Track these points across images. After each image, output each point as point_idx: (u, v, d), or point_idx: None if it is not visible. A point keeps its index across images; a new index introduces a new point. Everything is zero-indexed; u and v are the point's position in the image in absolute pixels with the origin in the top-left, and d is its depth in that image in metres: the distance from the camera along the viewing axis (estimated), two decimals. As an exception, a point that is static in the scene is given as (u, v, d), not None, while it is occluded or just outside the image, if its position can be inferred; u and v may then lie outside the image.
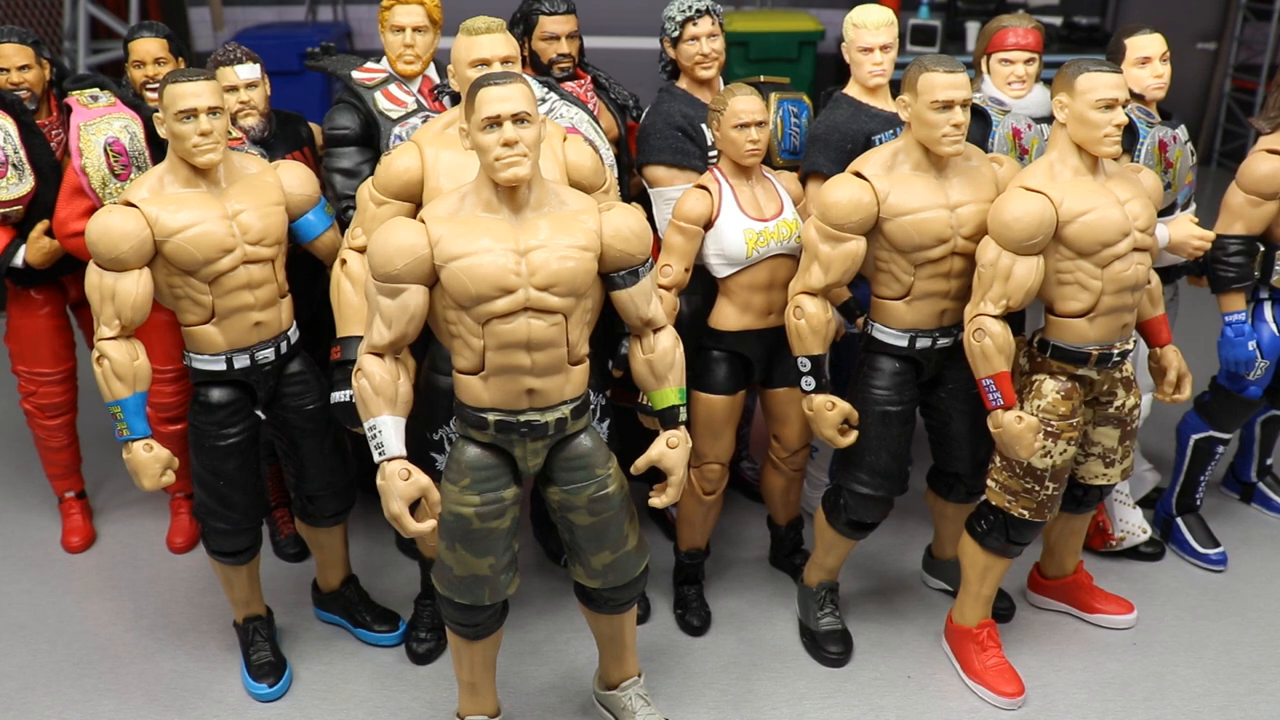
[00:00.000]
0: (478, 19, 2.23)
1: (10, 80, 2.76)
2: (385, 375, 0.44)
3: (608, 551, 0.43)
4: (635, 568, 0.42)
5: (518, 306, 0.44)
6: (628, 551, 0.43)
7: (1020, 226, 2.17)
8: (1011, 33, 2.78)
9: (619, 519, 0.43)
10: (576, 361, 0.42)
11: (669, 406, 0.48)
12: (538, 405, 0.42)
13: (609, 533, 0.43)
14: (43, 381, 3.07)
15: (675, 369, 0.47)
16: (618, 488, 0.44)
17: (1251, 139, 3.65)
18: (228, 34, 6.49)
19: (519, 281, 0.49)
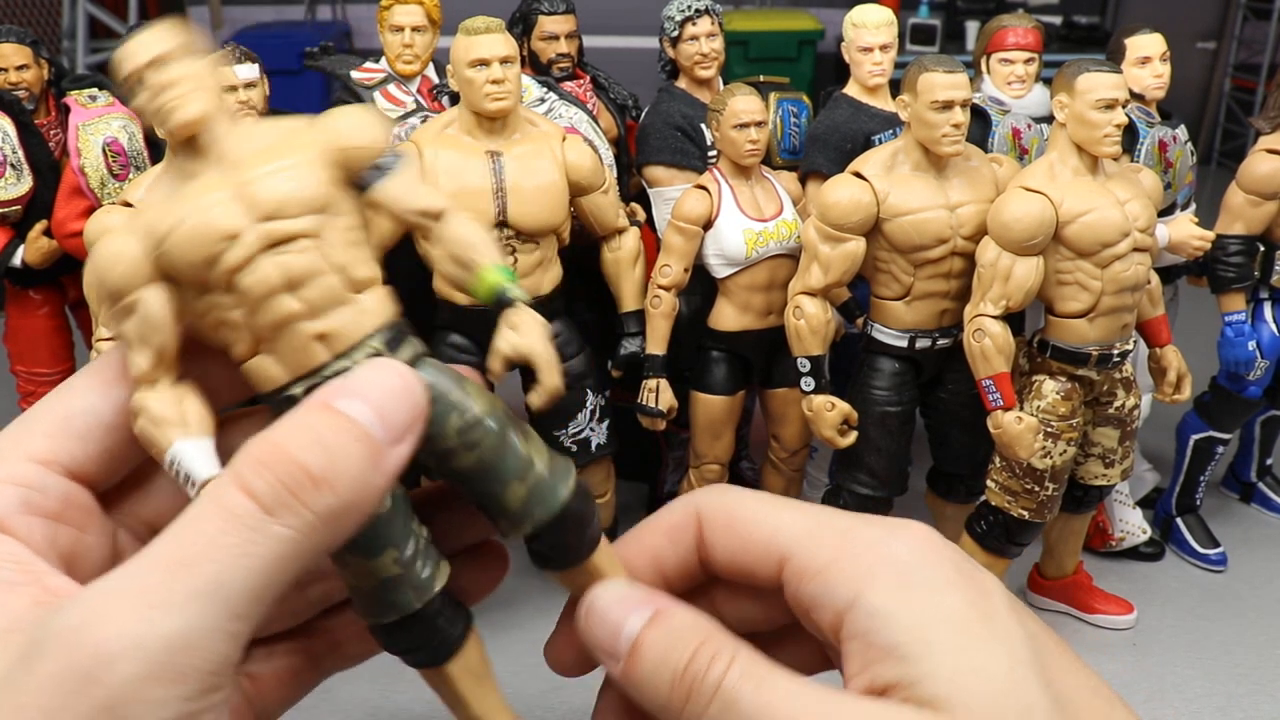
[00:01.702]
0: (476, 19, 2.23)
1: (8, 80, 2.76)
2: (162, 404, 0.36)
3: (515, 482, 0.37)
4: (559, 490, 0.36)
5: (252, 251, 0.36)
6: (539, 475, 0.37)
7: (1020, 227, 2.17)
8: (1011, 32, 2.78)
9: (507, 443, 0.37)
10: (359, 288, 0.35)
11: (491, 292, 0.40)
12: (339, 350, 0.35)
13: (504, 462, 0.37)
14: (42, 381, 3.07)
15: (480, 248, 0.40)
16: (487, 407, 0.38)
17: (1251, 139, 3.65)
18: (227, 33, 6.49)
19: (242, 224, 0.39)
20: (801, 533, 0.43)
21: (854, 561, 0.41)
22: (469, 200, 2.24)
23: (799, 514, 0.45)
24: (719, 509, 0.46)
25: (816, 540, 0.43)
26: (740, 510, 0.46)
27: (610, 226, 2.53)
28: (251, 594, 0.35)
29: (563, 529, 0.48)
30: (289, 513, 0.36)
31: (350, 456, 0.37)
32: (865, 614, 0.40)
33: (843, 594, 0.41)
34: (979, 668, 0.38)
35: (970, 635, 0.39)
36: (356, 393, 0.40)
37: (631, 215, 2.64)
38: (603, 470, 2.66)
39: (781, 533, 0.44)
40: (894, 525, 0.43)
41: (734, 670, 0.40)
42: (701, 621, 0.42)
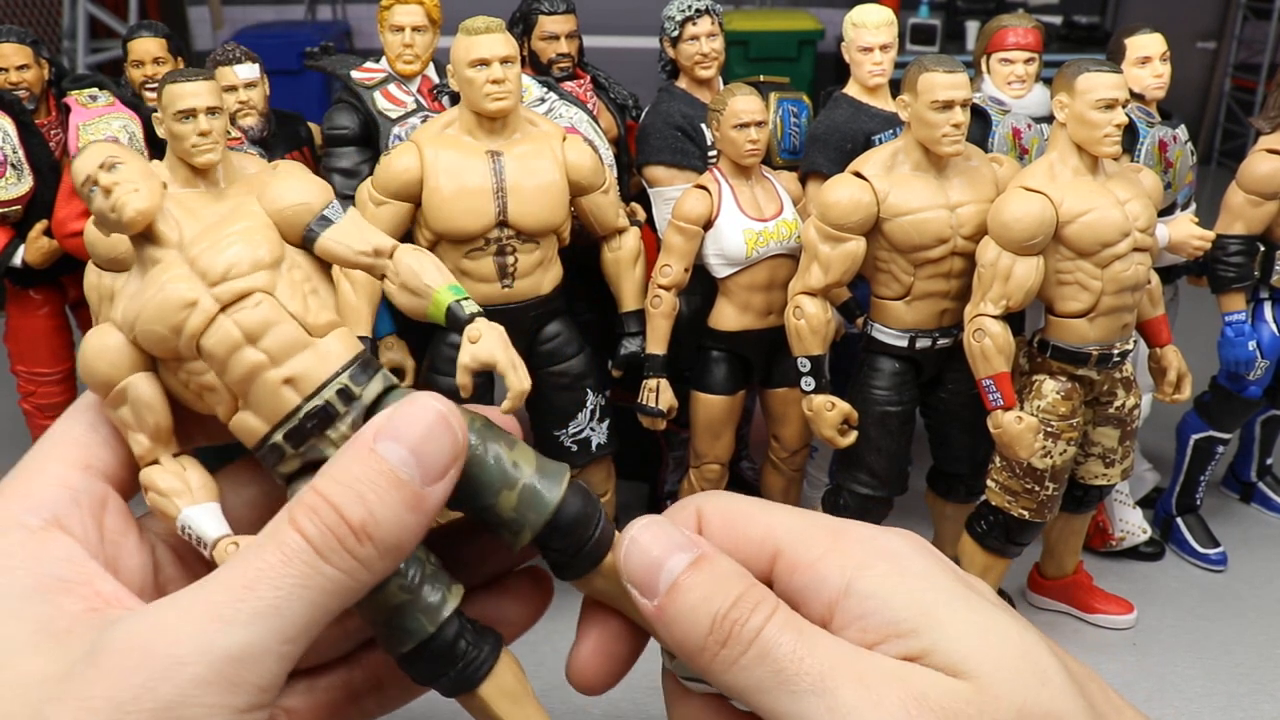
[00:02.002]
0: (477, 19, 2.23)
1: (9, 80, 2.76)
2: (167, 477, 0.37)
3: (505, 491, 0.37)
4: (551, 493, 0.36)
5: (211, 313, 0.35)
6: (529, 481, 0.37)
7: (1020, 227, 2.17)
8: (1011, 32, 2.77)
9: (489, 454, 0.37)
10: (320, 332, 0.36)
11: (448, 309, 0.41)
12: (307, 392, 0.35)
13: (488, 474, 0.37)
14: (42, 381, 3.07)
15: (431, 272, 0.41)
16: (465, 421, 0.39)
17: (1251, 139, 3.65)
18: (227, 33, 6.49)
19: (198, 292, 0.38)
20: (794, 529, 0.44)
21: (845, 553, 0.42)
22: (469, 200, 2.24)
23: (792, 514, 0.46)
24: (717, 509, 0.48)
25: (809, 536, 0.44)
26: (736, 510, 0.47)
27: (610, 226, 2.53)
28: (304, 621, 0.39)
29: (567, 531, 0.48)
30: (337, 557, 0.39)
31: (388, 505, 0.40)
32: (860, 597, 0.40)
33: (835, 582, 0.41)
34: (989, 634, 0.38)
35: (972, 607, 0.39)
36: (396, 434, 0.42)
37: (632, 215, 2.64)
38: (603, 470, 2.66)
39: (775, 529, 0.45)
40: (883, 528, 0.44)
41: (775, 621, 0.40)
42: (743, 571, 0.43)
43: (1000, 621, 0.39)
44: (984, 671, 0.37)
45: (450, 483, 0.43)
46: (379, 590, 0.45)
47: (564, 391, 2.51)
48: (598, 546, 0.48)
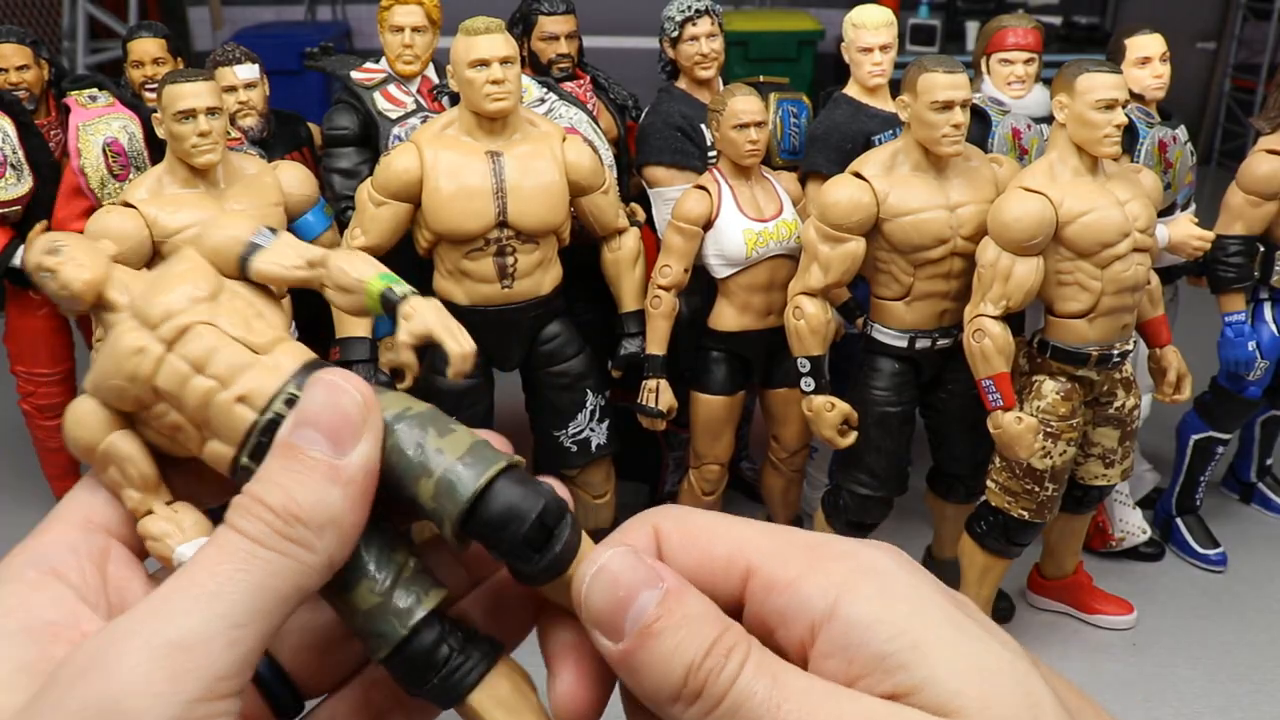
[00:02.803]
0: (476, 19, 2.23)
1: (9, 80, 2.76)
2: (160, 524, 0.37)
3: (423, 478, 0.34)
4: (468, 481, 0.33)
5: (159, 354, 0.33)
6: (447, 465, 0.34)
7: (1020, 227, 2.17)
8: (1011, 33, 2.77)
9: (412, 440, 0.34)
10: (265, 350, 0.35)
11: (381, 296, 0.40)
12: (260, 406, 0.35)
13: (405, 459, 0.35)
14: (41, 382, 3.07)
15: (359, 266, 0.41)
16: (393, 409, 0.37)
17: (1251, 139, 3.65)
18: (227, 34, 6.49)
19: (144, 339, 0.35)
20: (768, 546, 0.41)
21: (827, 572, 0.39)
22: (469, 201, 2.24)
23: (761, 529, 0.43)
24: (677, 526, 0.44)
25: (784, 553, 0.41)
26: (698, 526, 0.44)
27: (610, 227, 2.53)
28: (248, 605, 0.38)
29: (495, 526, 0.44)
30: (271, 540, 0.40)
31: (305, 485, 0.41)
32: (845, 624, 0.37)
33: (818, 604, 0.38)
34: (981, 667, 0.36)
35: (964, 634, 0.37)
36: (300, 418, 0.43)
37: (631, 215, 2.64)
38: (603, 470, 2.66)
39: (746, 546, 0.42)
40: (863, 541, 0.41)
41: (749, 667, 0.38)
42: (714, 610, 0.40)
43: (991, 651, 0.37)
44: (974, 710, 0.36)
45: (369, 446, 0.43)
46: (350, 591, 0.45)
47: (564, 392, 2.51)
48: (557, 551, 0.44)
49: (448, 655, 0.46)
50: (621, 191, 2.75)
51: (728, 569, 0.41)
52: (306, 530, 0.40)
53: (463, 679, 0.46)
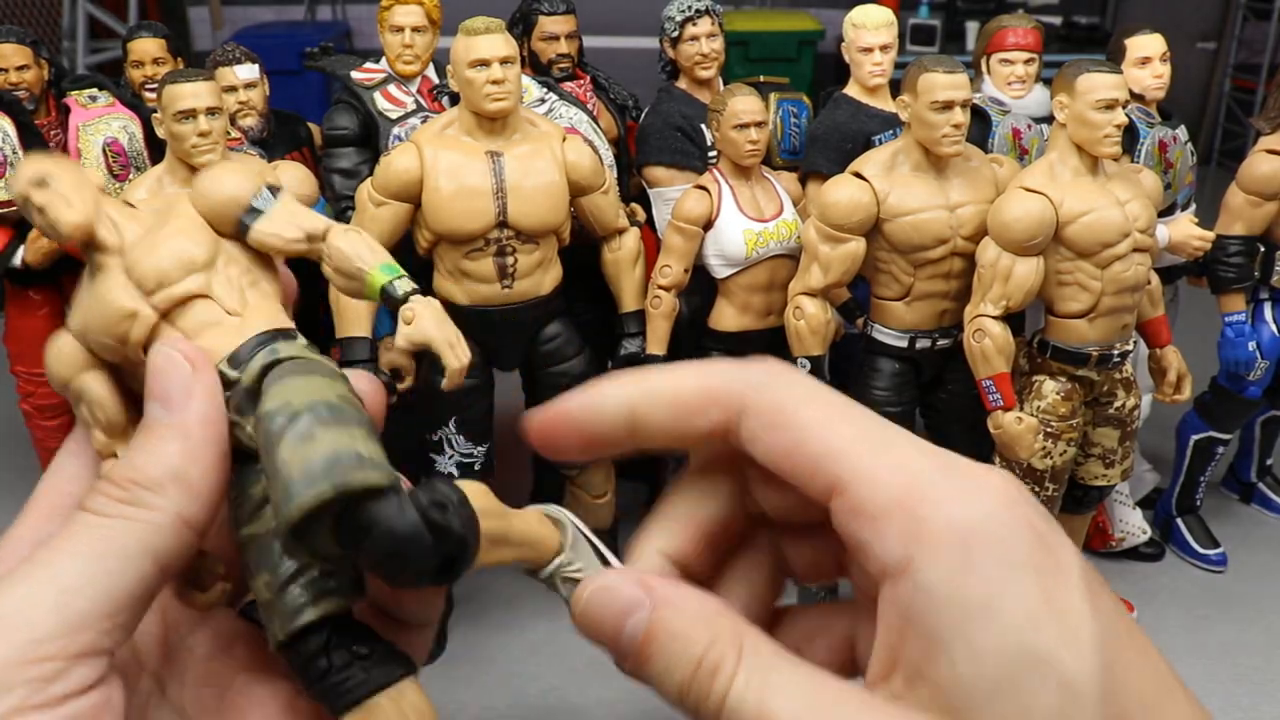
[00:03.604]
0: (477, 19, 2.23)
1: (8, 80, 2.76)
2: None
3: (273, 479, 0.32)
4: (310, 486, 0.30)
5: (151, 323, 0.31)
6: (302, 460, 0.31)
7: (1020, 227, 2.17)
8: (1011, 33, 2.77)
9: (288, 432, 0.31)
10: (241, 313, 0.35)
11: (382, 289, 0.38)
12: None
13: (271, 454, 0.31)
14: (41, 382, 3.07)
15: (364, 254, 0.39)
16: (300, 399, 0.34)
17: (1251, 139, 3.65)
18: (227, 34, 6.49)
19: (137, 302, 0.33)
20: (862, 463, 0.37)
21: (915, 520, 0.35)
22: (469, 201, 2.24)
23: (861, 433, 0.38)
24: (770, 400, 0.39)
25: (877, 478, 0.36)
26: (793, 413, 0.39)
27: (610, 227, 2.53)
28: (82, 570, 0.39)
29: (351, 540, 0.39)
30: (110, 508, 0.41)
31: (142, 449, 0.42)
32: (913, 588, 0.35)
33: (896, 553, 0.35)
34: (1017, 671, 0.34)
35: (1029, 638, 0.34)
36: (146, 393, 0.44)
37: (632, 215, 2.64)
38: (603, 470, 2.66)
39: (838, 456, 0.37)
40: (969, 479, 0.36)
41: (736, 681, 0.37)
42: (704, 613, 0.39)
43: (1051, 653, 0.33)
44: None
45: (203, 401, 0.43)
46: (252, 579, 0.44)
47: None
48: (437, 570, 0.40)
49: (326, 669, 0.43)
50: (621, 191, 2.75)
51: (814, 473, 0.38)
52: (143, 490, 0.41)
53: (340, 696, 0.43)
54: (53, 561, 0.40)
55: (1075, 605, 0.34)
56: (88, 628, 0.39)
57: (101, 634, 0.39)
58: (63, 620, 0.38)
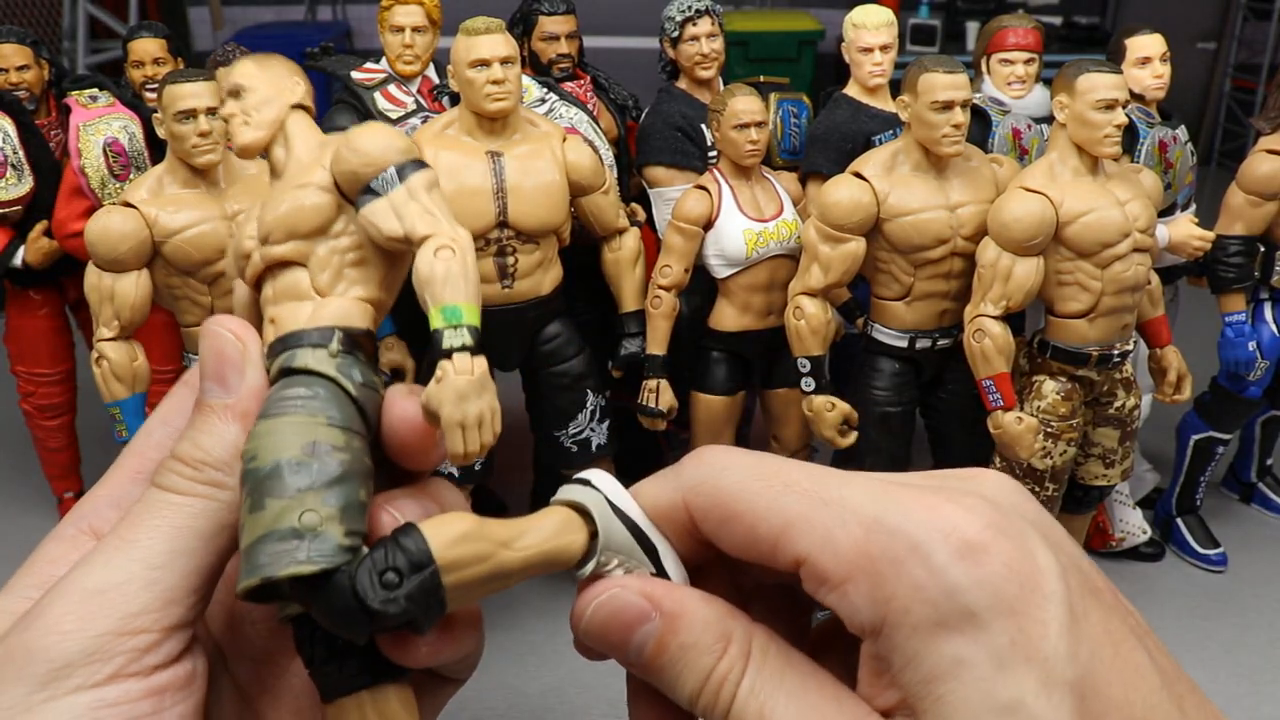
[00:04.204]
0: (477, 19, 2.23)
1: (9, 80, 2.76)
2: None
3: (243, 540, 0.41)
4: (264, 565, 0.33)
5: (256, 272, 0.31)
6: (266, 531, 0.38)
7: (1020, 227, 2.17)
8: (1011, 33, 2.78)
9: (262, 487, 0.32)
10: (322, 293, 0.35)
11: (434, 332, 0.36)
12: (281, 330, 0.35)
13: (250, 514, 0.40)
14: (41, 382, 3.07)
15: (435, 285, 0.36)
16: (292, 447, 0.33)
17: (1251, 139, 3.65)
18: (227, 34, 6.49)
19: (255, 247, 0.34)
20: (815, 533, 0.36)
21: (877, 583, 0.34)
22: (469, 201, 2.24)
23: (807, 499, 0.37)
24: (710, 498, 0.39)
25: (834, 544, 0.36)
26: (735, 501, 0.38)
27: (610, 227, 2.53)
28: (167, 547, 0.41)
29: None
30: (182, 485, 0.43)
31: (203, 429, 0.44)
32: (885, 649, 0.35)
33: (865, 616, 0.35)
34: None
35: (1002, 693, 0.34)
36: (200, 372, 0.46)
37: (632, 215, 2.64)
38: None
39: (791, 533, 0.37)
40: (938, 513, 0.35)
41: (742, 687, 0.37)
42: (713, 621, 0.39)
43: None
44: None
45: (253, 377, 0.45)
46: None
47: (564, 392, 2.51)
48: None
49: (310, 658, 0.42)
50: (622, 191, 2.75)
51: (774, 553, 0.37)
52: (215, 471, 0.43)
53: (326, 684, 0.42)
54: (139, 540, 0.41)
55: (1050, 645, 0.33)
56: (175, 602, 0.41)
57: (187, 608, 0.41)
58: (154, 595, 0.40)
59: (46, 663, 0.38)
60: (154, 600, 0.40)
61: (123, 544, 0.41)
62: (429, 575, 0.38)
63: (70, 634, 0.39)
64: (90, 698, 0.38)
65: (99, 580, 0.40)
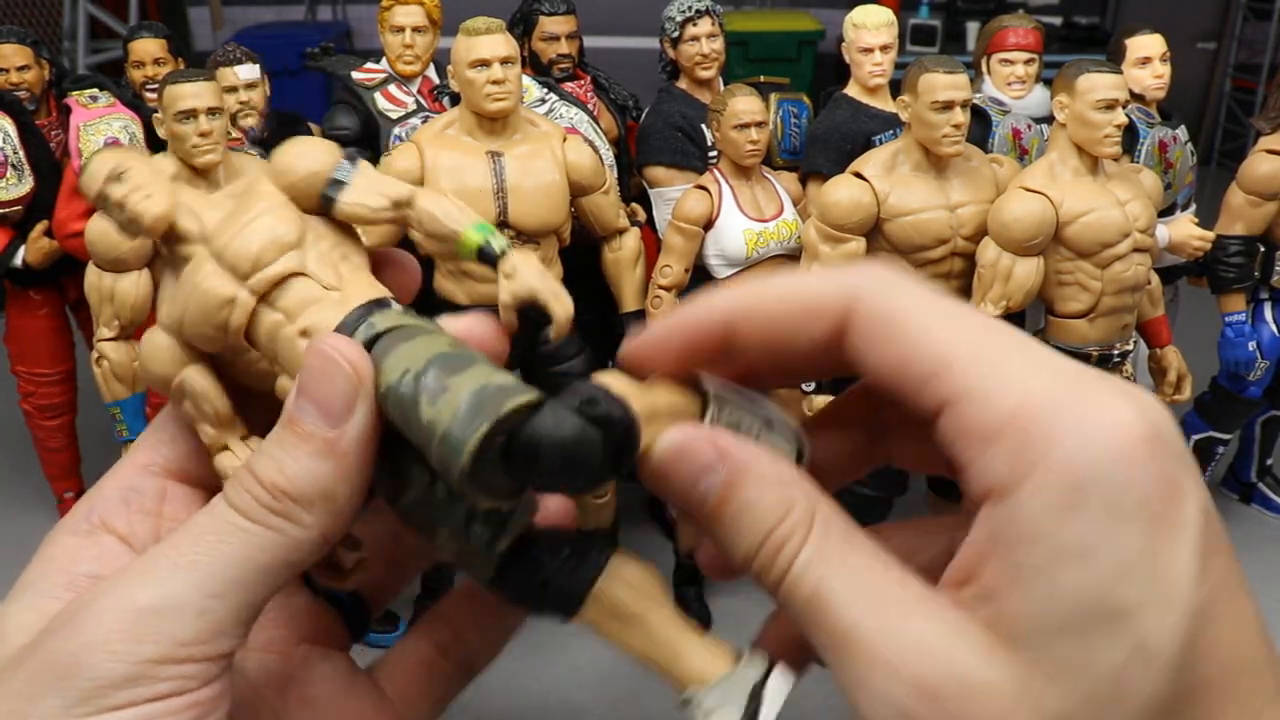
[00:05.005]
0: (477, 19, 2.23)
1: (9, 80, 2.76)
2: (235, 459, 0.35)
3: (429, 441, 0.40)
4: (465, 430, 0.38)
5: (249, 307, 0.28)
6: (455, 408, 0.40)
7: (1020, 227, 2.17)
8: (1012, 33, 2.78)
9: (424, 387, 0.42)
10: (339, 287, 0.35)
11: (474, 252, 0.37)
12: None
13: (416, 412, 0.42)
14: (42, 382, 3.07)
15: (453, 216, 0.37)
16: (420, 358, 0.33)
17: (1251, 139, 3.65)
18: (227, 34, 6.49)
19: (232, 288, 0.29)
20: (973, 380, 0.34)
21: (1025, 448, 0.32)
22: (469, 201, 2.24)
23: (977, 345, 0.35)
24: (881, 313, 0.37)
25: (989, 397, 0.34)
26: (902, 324, 0.36)
27: (611, 227, 2.53)
28: (227, 576, 0.39)
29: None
30: (256, 514, 0.40)
31: (296, 458, 0.41)
32: (1010, 517, 0.33)
33: (1000, 479, 0.33)
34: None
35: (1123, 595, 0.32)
36: (299, 387, 0.42)
37: (632, 215, 2.64)
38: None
39: (947, 372, 0.35)
40: (1097, 405, 0.33)
41: (800, 558, 0.36)
42: (777, 484, 0.38)
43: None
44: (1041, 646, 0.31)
45: (364, 416, 0.41)
46: (433, 539, 0.43)
47: (564, 392, 2.51)
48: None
49: (543, 583, 0.43)
50: (622, 191, 2.75)
51: (921, 388, 0.35)
52: (294, 504, 0.40)
53: (566, 602, 0.43)
54: (200, 563, 0.39)
55: (1180, 566, 0.32)
56: (225, 634, 0.39)
57: (234, 638, 0.40)
58: (206, 625, 0.39)
59: (90, 680, 0.37)
60: (205, 630, 0.39)
61: (182, 562, 0.39)
62: (619, 399, 0.39)
63: (118, 654, 0.37)
64: (126, 716, 0.37)
65: (153, 599, 0.38)
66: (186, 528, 0.41)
